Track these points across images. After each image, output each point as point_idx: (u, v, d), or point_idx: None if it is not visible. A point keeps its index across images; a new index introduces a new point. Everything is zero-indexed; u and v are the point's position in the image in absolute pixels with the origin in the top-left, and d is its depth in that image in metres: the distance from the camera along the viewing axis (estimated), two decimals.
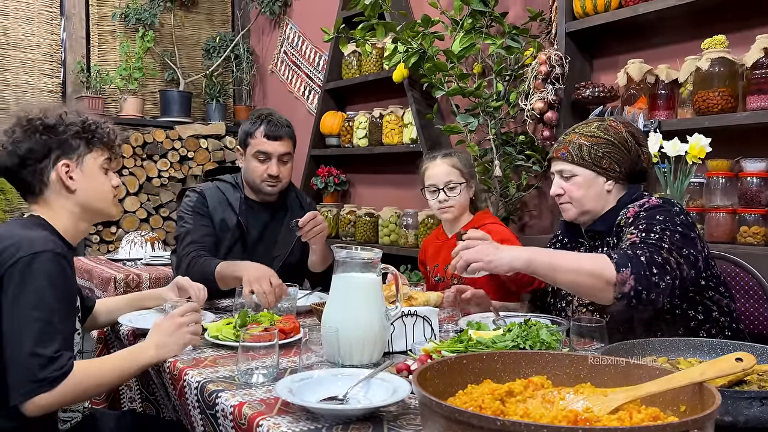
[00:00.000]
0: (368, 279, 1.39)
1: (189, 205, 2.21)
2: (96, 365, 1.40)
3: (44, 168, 1.48)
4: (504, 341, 1.30)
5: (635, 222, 1.57)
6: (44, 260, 1.35)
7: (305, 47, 4.65)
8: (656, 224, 1.53)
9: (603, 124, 1.72)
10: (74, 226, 1.54)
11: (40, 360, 1.28)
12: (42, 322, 1.31)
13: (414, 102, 3.40)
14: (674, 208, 1.58)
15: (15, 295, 1.32)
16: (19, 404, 1.28)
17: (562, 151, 1.73)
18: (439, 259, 2.24)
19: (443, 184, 2.18)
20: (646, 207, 1.60)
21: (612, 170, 1.68)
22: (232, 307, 1.87)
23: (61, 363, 1.30)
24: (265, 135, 2.18)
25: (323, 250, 2.23)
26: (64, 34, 4.62)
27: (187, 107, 4.84)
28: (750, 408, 0.95)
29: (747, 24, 2.32)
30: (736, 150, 2.25)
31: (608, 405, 0.86)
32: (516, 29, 2.88)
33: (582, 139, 1.70)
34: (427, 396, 0.80)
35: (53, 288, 1.35)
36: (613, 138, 1.68)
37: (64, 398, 1.31)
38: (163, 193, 4.57)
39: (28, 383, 1.27)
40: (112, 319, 1.79)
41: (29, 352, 1.28)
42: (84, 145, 1.52)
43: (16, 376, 1.29)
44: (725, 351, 1.22)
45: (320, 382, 1.18)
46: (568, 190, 1.71)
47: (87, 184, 1.53)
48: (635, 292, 1.41)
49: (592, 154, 1.68)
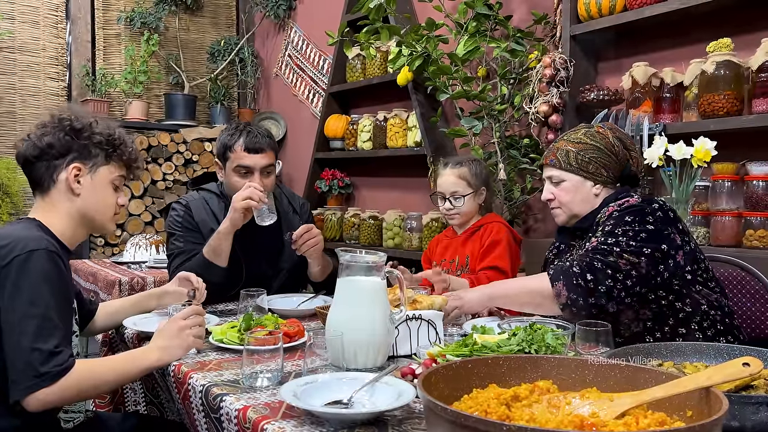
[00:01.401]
0: (373, 282, 1.38)
1: (177, 220, 2.18)
2: (98, 365, 1.41)
3: (58, 165, 1.52)
4: (509, 345, 1.30)
5: (605, 222, 1.65)
6: (39, 258, 1.36)
7: (309, 51, 4.66)
8: (620, 226, 1.60)
9: (590, 130, 1.79)
10: (71, 230, 1.55)
11: (41, 355, 1.29)
12: (40, 317, 1.32)
13: (418, 105, 3.40)
14: (650, 206, 1.63)
15: (11, 293, 1.33)
16: (21, 399, 1.28)
17: (550, 157, 1.81)
18: (447, 254, 2.34)
19: (449, 194, 2.30)
20: (623, 207, 1.65)
21: (599, 174, 1.75)
22: (236, 311, 1.87)
23: (62, 358, 1.30)
24: (245, 148, 2.09)
25: (321, 260, 2.20)
26: (70, 37, 4.64)
27: (192, 110, 4.85)
28: (757, 413, 0.94)
29: (752, 27, 2.32)
30: (742, 153, 2.25)
31: (614, 410, 0.86)
32: (520, 32, 2.87)
33: (569, 145, 1.78)
34: (432, 400, 0.80)
35: (49, 284, 1.36)
36: (599, 143, 1.76)
37: (65, 394, 1.31)
38: (168, 196, 4.58)
39: (29, 378, 1.28)
40: (117, 322, 1.79)
41: (29, 347, 1.29)
42: (102, 156, 1.56)
43: (18, 372, 1.29)
44: (731, 355, 1.21)
45: (325, 386, 1.17)
46: (557, 195, 1.79)
47: (92, 193, 1.55)
48: (571, 300, 1.56)
49: (578, 159, 1.76)
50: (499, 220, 2.33)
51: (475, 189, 2.30)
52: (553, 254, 1.93)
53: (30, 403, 1.29)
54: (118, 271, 3.12)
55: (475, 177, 2.30)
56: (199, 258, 2.05)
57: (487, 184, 2.37)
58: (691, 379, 0.87)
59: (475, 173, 2.31)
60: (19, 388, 1.28)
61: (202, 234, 2.15)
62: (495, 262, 2.16)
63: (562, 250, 1.89)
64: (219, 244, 2.04)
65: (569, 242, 1.86)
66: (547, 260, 1.95)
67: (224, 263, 2.05)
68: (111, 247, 4.44)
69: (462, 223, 2.35)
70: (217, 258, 2.04)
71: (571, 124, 2.76)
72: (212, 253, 2.04)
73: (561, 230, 1.89)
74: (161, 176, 4.55)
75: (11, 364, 1.30)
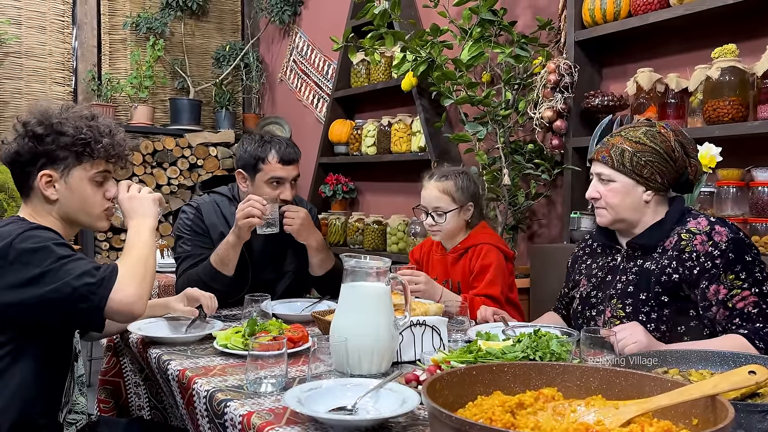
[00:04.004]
0: (377, 288, 1.38)
1: (186, 223, 2.17)
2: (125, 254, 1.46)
3: (30, 173, 1.48)
4: (514, 352, 1.29)
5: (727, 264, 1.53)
6: (39, 232, 1.39)
7: (314, 56, 4.67)
8: (752, 267, 1.54)
9: (651, 130, 1.65)
10: (60, 230, 1.51)
11: (83, 278, 1.33)
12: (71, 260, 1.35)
13: (422, 110, 3.40)
14: (740, 234, 1.57)
15: (19, 269, 1.33)
16: (102, 310, 1.32)
17: (603, 153, 1.67)
18: (438, 272, 2.19)
19: (431, 209, 2.10)
20: (724, 243, 1.55)
21: (653, 180, 1.63)
22: (240, 316, 1.87)
23: (104, 266, 1.37)
24: (279, 160, 2.08)
25: (317, 251, 2.18)
26: (76, 42, 4.66)
27: (197, 115, 4.87)
28: (763, 421, 0.94)
29: (757, 33, 2.31)
30: (747, 159, 2.24)
31: (620, 418, 0.86)
32: (525, 38, 2.88)
33: (626, 144, 1.64)
34: (437, 407, 0.79)
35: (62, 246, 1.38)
36: (660, 147, 1.62)
37: (134, 282, 1.37)
38: (173, 201, 4.59)
39: (93, 292, 1.32)
40: (121, 327, 1.79)
41: (69, 284, 1.31)
42: (73, 158, 1.47)
43: (76, 300, 1.32)
44: (737, 363, 1.21)
45: (329, 392, 1.17)
46: (604, 195, 1.66)
47: (70, 196, 1.49)
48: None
49: (634, 161, 1.62)
50: (487, 241, 2.11)
51: (460, 204, 2.09)
52: (586, 253, 1.85)
53: (113, 307, 1.33)
54: None
55: (460, 192, 2.09)
56: (206, 266, 2.05)
57: (476, 199, 2.15)
58: (696, 387, 0.87)
59: (461, 187, 2.10)
60: (93, 308, 1.32)
61: (212, 238, 2.15)
62: (485, 290, 2.03)
63: (597, 252, 1.81)
64: (227, 255, 2.04)
65: (612, 245, 1.76)
66: (576, 257, 1.88)
67: (230, 273, 2.05)
68: (116, 251, 4.45)
69: (446, 240, 2.16)
70: (224, 267, 2.04)
71: (576, 129, 2.76)
72: (219, 262, 2.04)
73: (603, 230, 1.77)
74: (166, 181, 4.57)
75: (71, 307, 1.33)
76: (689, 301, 1.60)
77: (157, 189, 4.53)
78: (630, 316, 1.62)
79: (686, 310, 1.60)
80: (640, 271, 1.65)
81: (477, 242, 2.12)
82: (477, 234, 2.15)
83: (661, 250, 1.63)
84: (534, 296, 2.78)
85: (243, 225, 1.99)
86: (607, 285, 1.72)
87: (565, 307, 1.91)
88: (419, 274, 1.97)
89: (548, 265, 2.64)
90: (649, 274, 1.62)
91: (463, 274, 2.12)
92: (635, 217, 1.66)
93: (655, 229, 1.65)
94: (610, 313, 1.68)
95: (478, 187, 2.20)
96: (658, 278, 1.60)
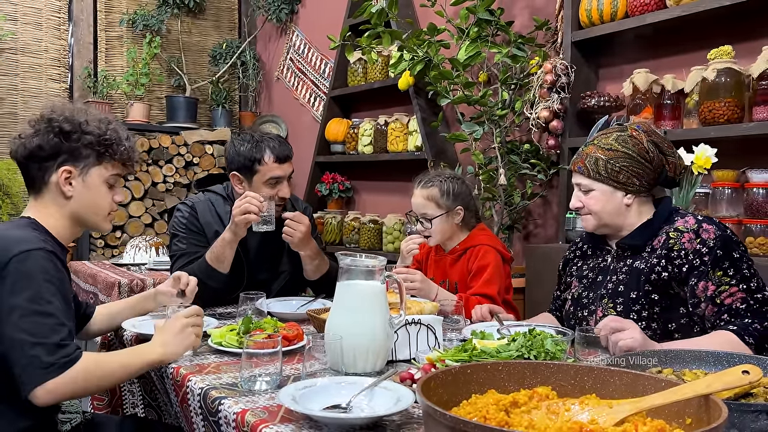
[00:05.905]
0: (372, 287, 1.38)
1: (182, 222, 2.16)
2: (104, 357, 1.41)
3: (48, 167, 1.50)
4: (508, 351, 1.29)
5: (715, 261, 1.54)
6: (38, 257, 1.36)
7: (311, 54, 4.67)
8: (739, 263, 1.55)
9: (622, 135, 1.66)
10: (66, 229, 1.54)
11: (46, 348, 1.29)
12: (43, 315, 1.31)
13: (419, 110, 3.41)
14: (727, 231, 1.59)
15: (11, 293, 1.32)
16: (31, 393, 1.28)
17: (578, 164, 1.70)
18: (437, 273, 2.21)
19: (420, 215, 2.14)
20: (712, 240, 1.56)
21: (631, 184, 1.65)
22: (235, 314, 1.87)
23: (68, 350, 1.30)
24: (276, 159, 2.07)
25: (311, 258, 2.17)
26: (72, 39, 4.65)
27: (193, 113, 4.86)
28: (756, 421, 0.94)
29: (753, 34, 2.32)
30: (742, 160, 2.25)
31: (613, 417, 0.86)
32: (522, 38, 2.88)
33: (599, 152, 1.66)
34: (431, 406, 0.79)
35: (49, 283, 1.35)
36: (632, 150, 1.64)
37: (75, 385, 1.30)
38: (168, 199, 4.58)
39: (37, 370, 1.27)
40: (115, 324, 1.79)
41: (33, 343, 1.28)
42: (94, 157, 1.52)
43: (25, 369, 1.28)
44: (731, 362, 1.21)
45: (323, 390, 1.17)
46: (586, 203, 1.70)
47: (85, 194, 1.52)
48: None
49: (608, 168, 1.64)
50: (486, 242, 2.13)
51: (446, 209, 2.10)
52: (577, 256, 1.87)
53: (39, 395, 1.28)
54: (118, 273, 3.12)
55: (446, 197, 2.10)
56: (201, 263, 2.05)
57: (466, 202, 2.15)
58: (690, 386, 0.87)
59: (447, 192, 2.10)
60: (27, 383, 1.28)
61: (207, 236, 2.14)
62: (482, 289, 2.04)
63: (588, 255, 1.83)
64: (222, 252, 2.03)
65: (602, 247, 1.78)
66: (567, 260, 1.89)
67: (226, 270, 2.04)
68: (111, 248, 4.44)
69: (441, 243, 2.19)
70: (220, 265, 2.03)
71: (572, 129, 2.76)
72: (215, 260, 2.03)
73: (592, 234, 1.79)
74: (162, 178, 4.55)
75: (15, 361, 1.30)
76: (679, 298, 1.61)
77: (153, 186, 4.53)
78: (621, 315, 1.62)
79: (676, 307, 1.61)
80: (630, 270, 1.66)
81: (475, 243, 2.13)
82: (476, 235, 2.17)
83: (650, 249, 1.65)
84: (529, 296, 2.79)
85: (240, 221, 1.98)
86: (598, 285, 1.73)
87: (558, 309, 1.92)
88: (415, 273, 1.98)
89: (544, 265, 2.65)
90: (639, 273, 1.64)
91: (461, 275, 2.13)
92: (619, 221, 1.69)
93: (644, 228, 1.67)
94: (601, 312, 1.69)
95: (469, 190, 2.20)
96: (647, 277, 1.62)
